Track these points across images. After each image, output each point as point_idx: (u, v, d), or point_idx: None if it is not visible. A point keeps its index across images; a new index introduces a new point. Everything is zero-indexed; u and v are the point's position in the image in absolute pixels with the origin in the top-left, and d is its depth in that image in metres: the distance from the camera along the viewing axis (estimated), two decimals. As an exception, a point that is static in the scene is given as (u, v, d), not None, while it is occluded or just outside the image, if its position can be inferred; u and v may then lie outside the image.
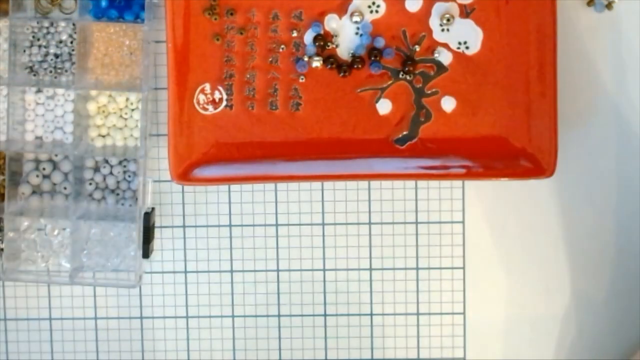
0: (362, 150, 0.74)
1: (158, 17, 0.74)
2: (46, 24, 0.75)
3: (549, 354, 0.78)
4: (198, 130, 0.74)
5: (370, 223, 0.78)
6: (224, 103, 0.74)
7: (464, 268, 0.78)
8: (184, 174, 0.74)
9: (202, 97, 0.74)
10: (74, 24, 0.75)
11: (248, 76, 0.74)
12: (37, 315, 0.78)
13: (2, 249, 0.76)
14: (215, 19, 0.73)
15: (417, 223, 0.77)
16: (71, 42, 0.76)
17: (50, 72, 0.76)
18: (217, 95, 0.74)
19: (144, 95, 0.74)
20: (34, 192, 0.77)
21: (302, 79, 0.74)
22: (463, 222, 0.77)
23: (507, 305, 0.78)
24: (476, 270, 0.78)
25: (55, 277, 0.77)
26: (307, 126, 0.75)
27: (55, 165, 0.77)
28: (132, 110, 0.76)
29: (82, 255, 0.77)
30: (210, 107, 0.74)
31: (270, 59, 0.74)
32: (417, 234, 0.77)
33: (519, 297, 0.78)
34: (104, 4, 0.75)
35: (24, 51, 0.76)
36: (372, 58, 0.73)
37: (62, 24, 0.76)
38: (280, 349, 0.79)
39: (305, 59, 0.74)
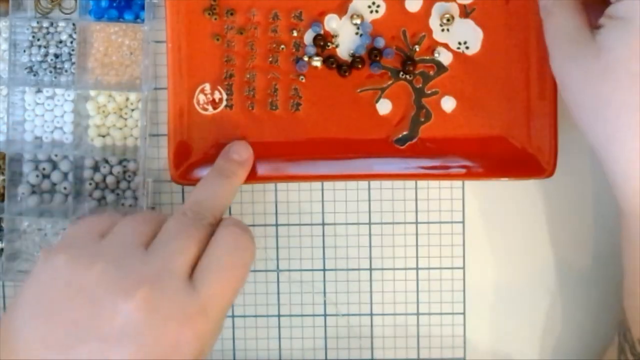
0: (362, 150, 0.74)
1: (158, 17, 0.74)
2: (46, 24, 0.75)
3: (549, 354, 0.78)
4: (198, 130, 0.74)
5: (370, 223, 0.77)
6: (224, 103, 0.74)
7: (464, 268, 0.78)
8: (184, 175, 0.74)
9: (202, 97, 0.74)
10: (73, 24, 0.75)
11: (248, 76, 0.74)
12: (37, 315, 0.78)
13: (2, 249, 0.76)
14: (215, 18, 0.73)
15: (417, 223, 0.77)
16: (71, 42, 0.76)
17: (50, 72, 0.76)
18: (217, 96, 0.74)
19: (144, 95, 0.74)
20: (33, 192, 0.76)
21: (302, 79, 0.74)
22: (463, 222, 0.77)
23: (508, 305, 0.78)
24: (476, 270, 0.78)
25: (55, 277, 0.77)
26: (307, 126, 0.74)
27: (54, 165, 0.77)
28: (132, 110, 0.76)
29: (82, 255, 0.77)
30: (210, 107, 0.74)
31: (270, 59, 0.74)
32: (417, 234, 0.77)
33: (520, 297, 0.78)
34: (104, 4, 0.75)
35: (24, 51, 0.76)
36: (372, 58, 0.73)
37: (62, 24, 0.76)
38: (280, 349, 0.79)
39: (305, 59, 0.74)
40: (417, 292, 0.78)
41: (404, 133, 0.74)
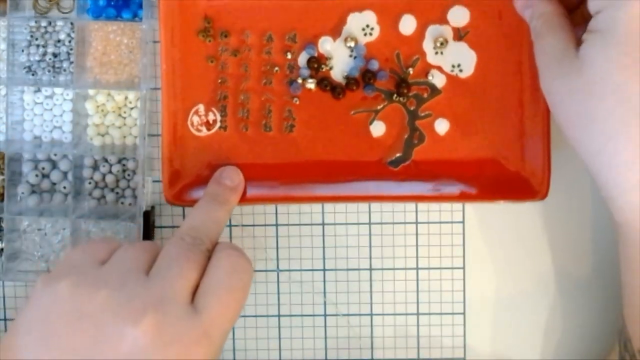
0: (355, 172, 0.74)
1: (156, 16, 0.74)
2: (44, 23, 0.75)
3: (549, 354, 0.78)
4: (192, 151, 0.74)
5: (370, 223, 0.77)
6: (218, 124, 0.74)
7: (464, 268, 0.78)
8: (178, 196, 0.74)
9: (195, 119, 0.74)
10: (72, 23, 0.75)
11: (242, 98, 0.74)
12: (37, 316, 0.78)
13: (2, 249, 0.76)
14: (209, 41, 0.73)
15: (417, 223, 0.77)
16: (69, 42, 0.75)
17: (49, 71, 0.75)
18: (211, 117, 0.74)
19: (143, 94, 0.74)
20: (33, 192, 0.76)
21: (296, 100, 0.74)
22: (463, 222, 0.77)
23: (508, 305, 0.78)
24: (476, 270, 0.78)
25: (55, 276, 0.77)
26: (300, 148, 0.74)
27: (54, 165, 0.77)
28: (131, 109, 0.76)
29: (82, 255, 0.77)
30: (204, 129, 0.74)
31: (264, 81, 0.74)
32: (417, 234, 0.77)
33: (520, 297, 0.78)
34: (101, 2, 0.74)
35: (22, 51, 0.75)
36: (366, 80, 0.73)
37: (60, 23, 0.75)
38: (280, 349, 0.79)
39: (299, 80, 0.73)
40: (417, 292, 0.78)
41: (398, 155, 0.74)
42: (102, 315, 0.59)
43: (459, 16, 0.73)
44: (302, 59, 0.74)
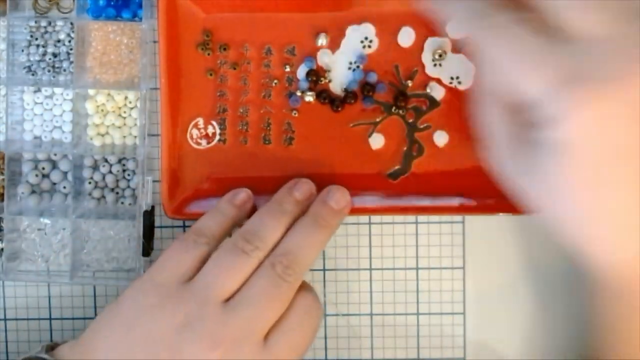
0: (354, 185, 0.73)
1: (156, 16, 0.74)
2: (44, 23, 0.75)
3: (551, 355, 0.78)
4: (192, 165, 0.74)
5: (370, 223, 0.77)
6: (217, 137, 0.74)
7: (464, 268, 0.78)
8: (178, 209, 0.74)
9: (195, 132, 0.74)
10: (71, 23, 0.75)
11: (241, 111, 0.74)
12: (37, 315, 0.79)
13: (2, 249, 0.76)
14: (209, 54, 0.73)
15: (417, 223, 0.77)
16: (69, 41, 0.75)
17: (49, 71, 0.75)
18: (210, 130, 0.74)
19: (143, 93, 0.74)
20: (33, 192, 0.76)
21: (295, 113, 0.74)
22: (463, 222, 0.77)
23: (508, 305, 0.78)
24: (476, 270, 0.78)
25: (55, 276, 0.78)
26: (300, 161, 0.74)
27: (54, 165, 0.77)
28: (131, 109, 0.76)
29: (81, 255, 0.77)
30: (204, 142, 0.74)
31: (263, 94, 0.74)
32: (417, 234, 0.77)
33: (520, 297, 0.78)
34: (101, 2, 0.74)
35: (22, 51, 0.75)
36: (365, 93, 0.73)
37: (60, 23, 0.75)
38: (280, 349, 0.79)
39: (298, 93, 0.73)
40: (417, 292, 0.78)
41: (397, 167, 0.74)
42: (177, 341, 0.62)
43: (458, 28, 0.72)
44: (301, 72, 0.73)
